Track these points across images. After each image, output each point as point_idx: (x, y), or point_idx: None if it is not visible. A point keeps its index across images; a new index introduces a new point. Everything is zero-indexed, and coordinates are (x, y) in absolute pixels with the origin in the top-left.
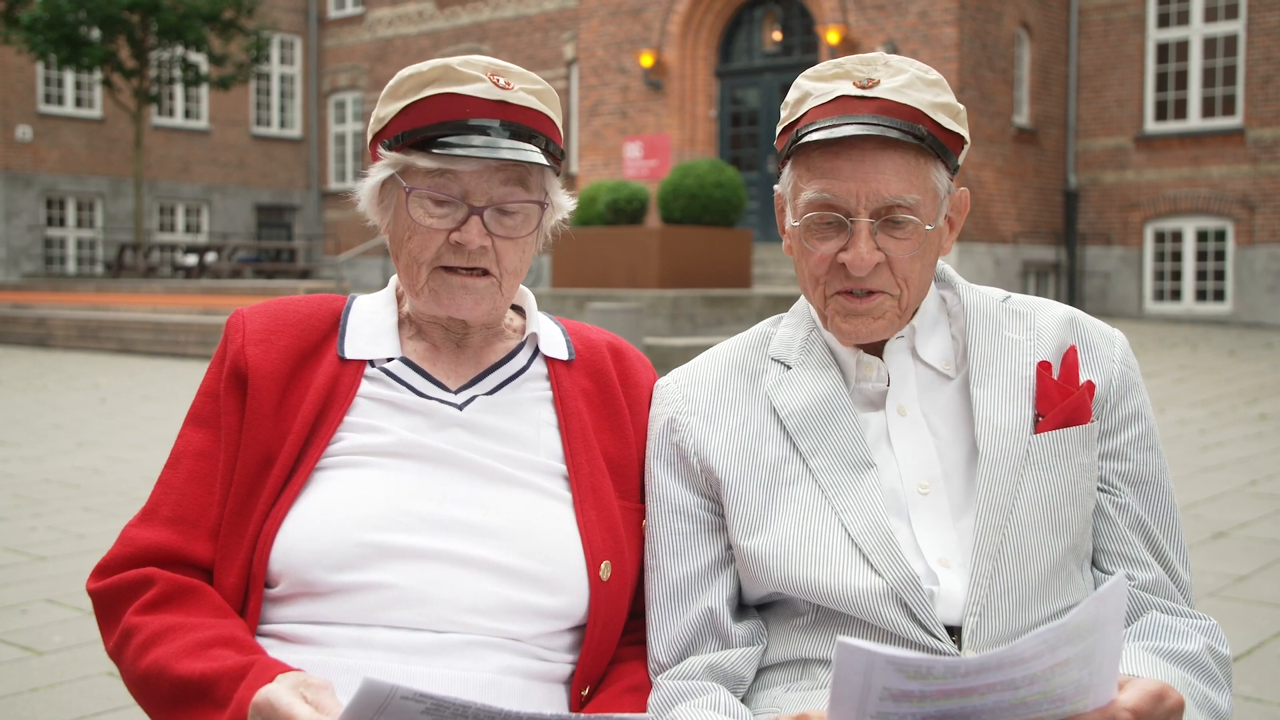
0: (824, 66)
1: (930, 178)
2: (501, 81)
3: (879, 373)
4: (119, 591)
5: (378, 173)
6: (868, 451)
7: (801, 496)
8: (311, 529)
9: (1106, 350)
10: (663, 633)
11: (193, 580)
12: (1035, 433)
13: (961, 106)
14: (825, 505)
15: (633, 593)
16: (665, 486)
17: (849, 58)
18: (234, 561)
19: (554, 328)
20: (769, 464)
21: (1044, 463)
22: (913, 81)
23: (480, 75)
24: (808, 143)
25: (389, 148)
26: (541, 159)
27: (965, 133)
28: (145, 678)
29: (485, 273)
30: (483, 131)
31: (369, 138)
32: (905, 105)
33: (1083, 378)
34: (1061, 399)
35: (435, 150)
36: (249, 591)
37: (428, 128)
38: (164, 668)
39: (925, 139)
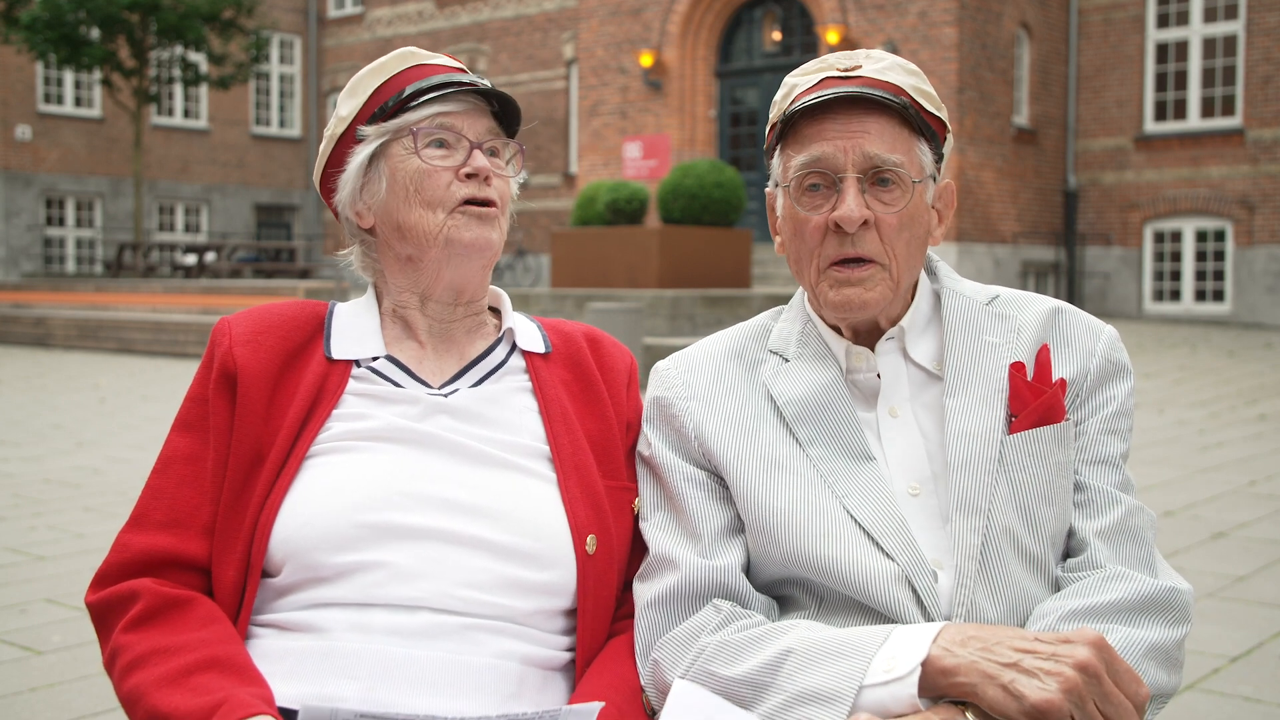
0: (808, 64)
1: (914, 150)
2: (456, 59)
3: (869, 363)
4: (108, 606)
5: (364, 149)
6: (865, 442)
7: (801, 480)
8: (309, 514)
9: (1087, 344)
10: (684, 572)
11: (180, 591)
12: (1009, 433)
13: (942, 105)
14: (826, 490)
15: (622, 568)
16: (671, 459)
17: (832, 54)
18: (231, 555)
19: (529, 324)
20: (767, 446)
21: (1018, 463)
22: (893, 66)
23: (438, 55)
24: (795, 116)
25: (369, 125)
26: (508, 94)
27: (947, 122)
28: (127, 701)
29: (492, 204)
30: (458, 84)
31: (330, 146)
32: (887, 81)
33: (1057, 372)
34: (1034, 398)
35: (427, 98)
36: (249, 582)
37: (411, 87)
38: (141, 695)
39: (907, 108)
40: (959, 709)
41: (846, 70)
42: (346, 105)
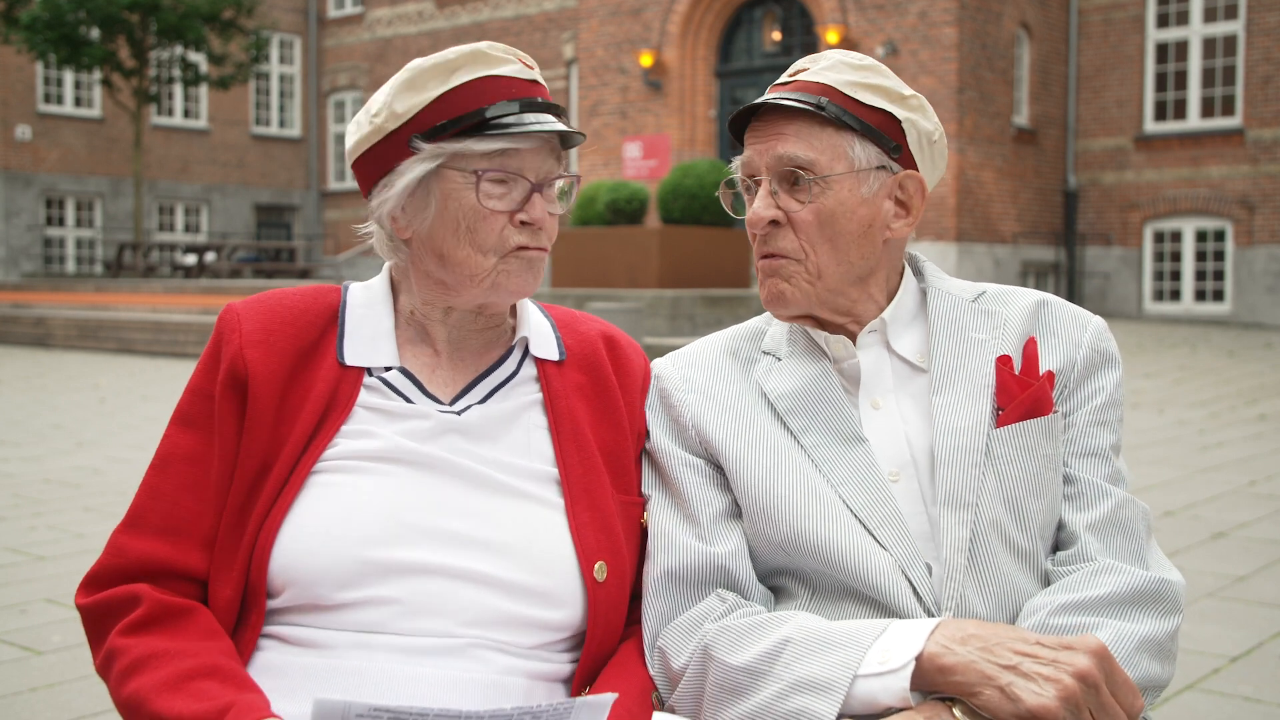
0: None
1: (841, 146)
2: (527, 62)
3: (848, 350)
4: (105, 609)
5: (417, 166)
6: (857, 425)
7: (797, 467)
8: (311, 544)
9: (1074, 334)
10: (683, 556)
11: (181, 600)
12: (996, 427)
13: (909, 93)
14: (821, 479)
15: (631, 589)
16: (669, 446)
17: (801, 59)
18: (230, 573)
19: (545, 325)
20: (763, 435)
21: (1006, 456)
22: (834, 65)
23: (510, 58)
24: (735, 126)
25: (427, 139)
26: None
27: (900, 112)
28: (125, 706)
29: (544, 249)
30: (529, 109)
31: (377, 137)
32: (815, 83)
33: (1044, 364)
34: (1021, 391)
35: (493, 130)
36: (248, 601)
37: (481, 110)
38: (143, 699)
39: (825, 109)
40: (945, 705)
41: (792, 75)
42: (404, 101)
